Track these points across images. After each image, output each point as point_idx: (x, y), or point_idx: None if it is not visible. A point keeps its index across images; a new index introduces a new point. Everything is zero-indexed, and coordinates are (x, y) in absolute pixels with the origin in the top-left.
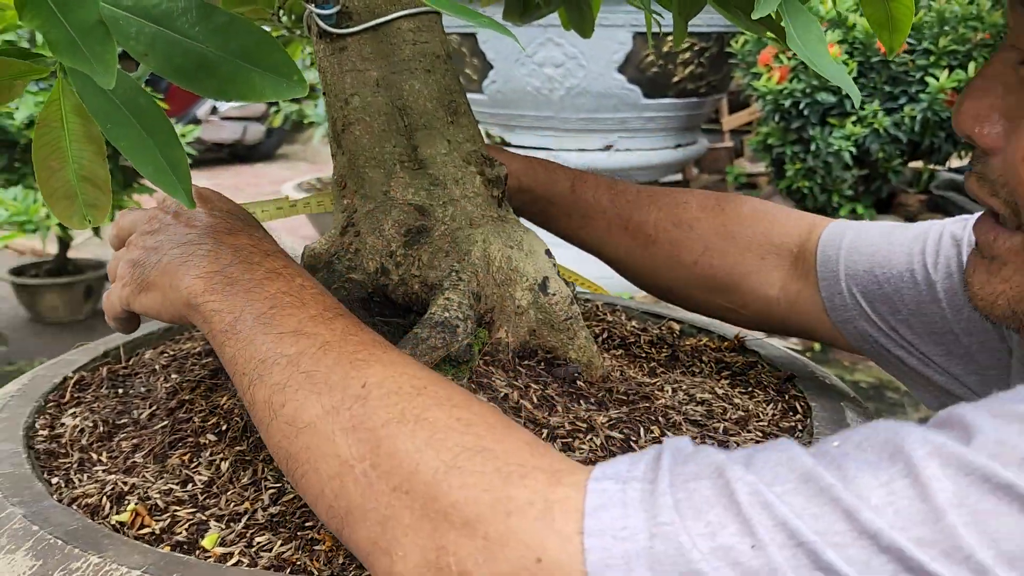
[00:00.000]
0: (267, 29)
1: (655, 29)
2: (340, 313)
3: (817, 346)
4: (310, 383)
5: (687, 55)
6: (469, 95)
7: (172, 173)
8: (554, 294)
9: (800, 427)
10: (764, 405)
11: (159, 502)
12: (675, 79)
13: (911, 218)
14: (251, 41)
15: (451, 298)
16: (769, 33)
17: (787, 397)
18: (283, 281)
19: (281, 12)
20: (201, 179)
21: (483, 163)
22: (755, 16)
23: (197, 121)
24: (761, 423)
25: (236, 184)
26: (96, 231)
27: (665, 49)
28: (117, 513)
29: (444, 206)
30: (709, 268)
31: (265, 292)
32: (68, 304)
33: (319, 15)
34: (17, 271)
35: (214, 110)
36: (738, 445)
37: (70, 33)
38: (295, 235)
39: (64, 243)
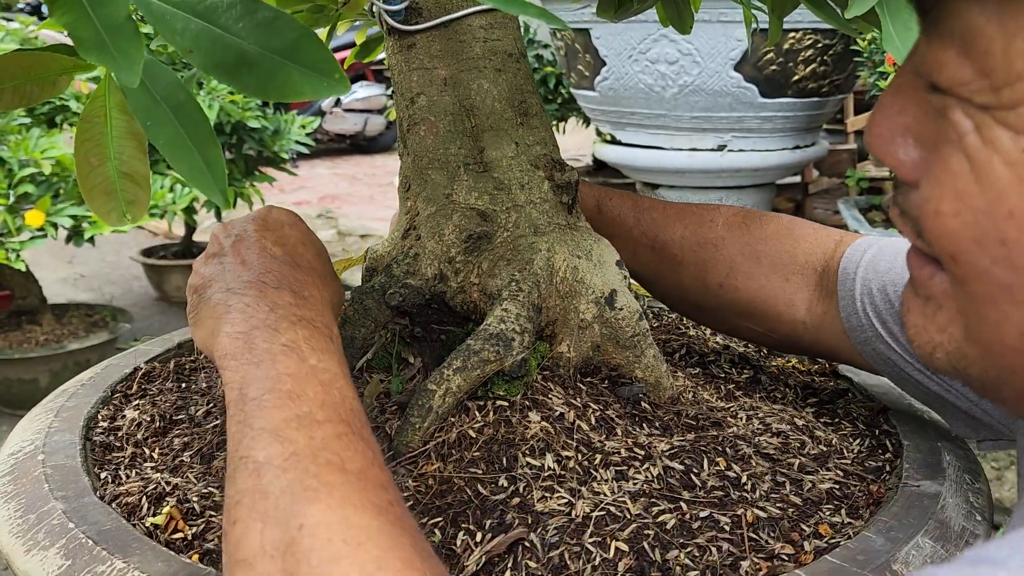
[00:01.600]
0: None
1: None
2: (330, 415)
3: None
4: (261, 506)
5: (809, 53)
6: (581, 92)
7: (208, 172)
8: (621, 308)
9: (888, 467)
10: (850, 440)
11: (196, 506)
12: (795, 78)
13: None
14: (293, 38)
15: (509, 309)
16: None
17: (877, 432)
18: (295, 359)
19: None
20: (322, 168)
21: (552, 167)
22: (848, 16)
23: (321, 113)
24: (844, 460)
25: (354, 174)
26: (219, 216)
27: (786, 47)
28: (153, 515)
29: (508, 212)
30: (734, 291)
31: (272, 370)
32: None
33: (386, 11)
34: (147, 252)
35: (337, 102)
36: (813, 485)
37: (98, 30)
38: None
39: (190, 227)
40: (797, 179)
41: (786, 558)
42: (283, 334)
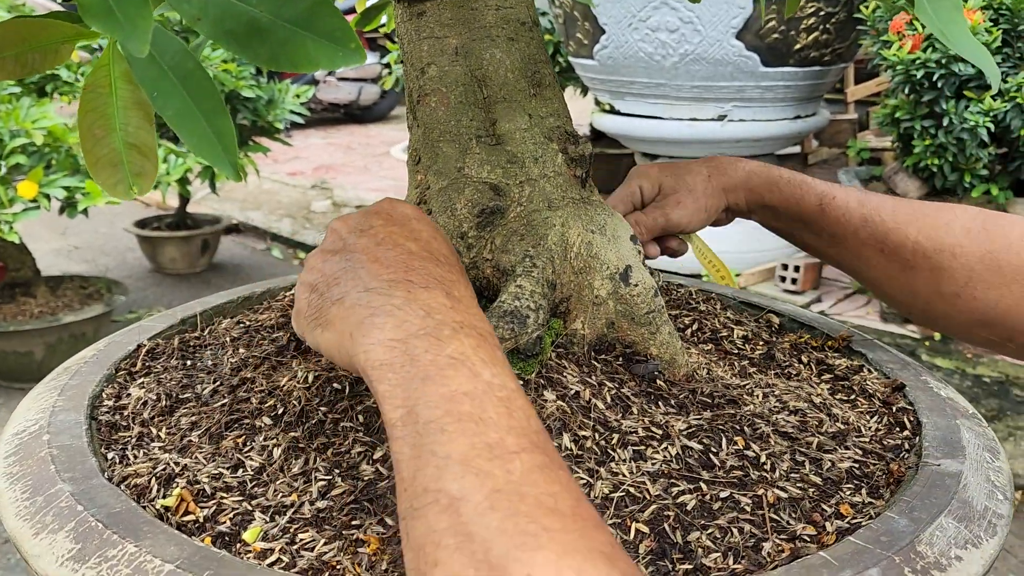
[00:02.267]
0: None
1: None
2: (521, 443)
3: (937, 335)
4: (468, 549)
5: (811, 21)
6: (579, 60)
7: (218, 143)
8: (636, 284)
9: (907, 446)
10: (867, 418)
11: (207, 487)
12: (797, 46)
13: None
14: (307, 5)
15: (523, 285)
16: None
17: (895, 410)
18: (467, 374)
19: None
20: (316, 137)
21: (566, 140)
22: None
23: (315, 82)
24: (862, 439)
25: (349, 143)
26: (213, 188)
27: (788, 15)
28: (163, 497)
29: (521, 186)
30: (972, 300)
31: (444, 388)
32: (186, 257)
33: None
34: (141, 223)
35: (331, 71)
36: (832, 464)
37: None
38: None
39: (184, 198)
40: (797, 149)
41: (808, 539)
42: (447, 344)
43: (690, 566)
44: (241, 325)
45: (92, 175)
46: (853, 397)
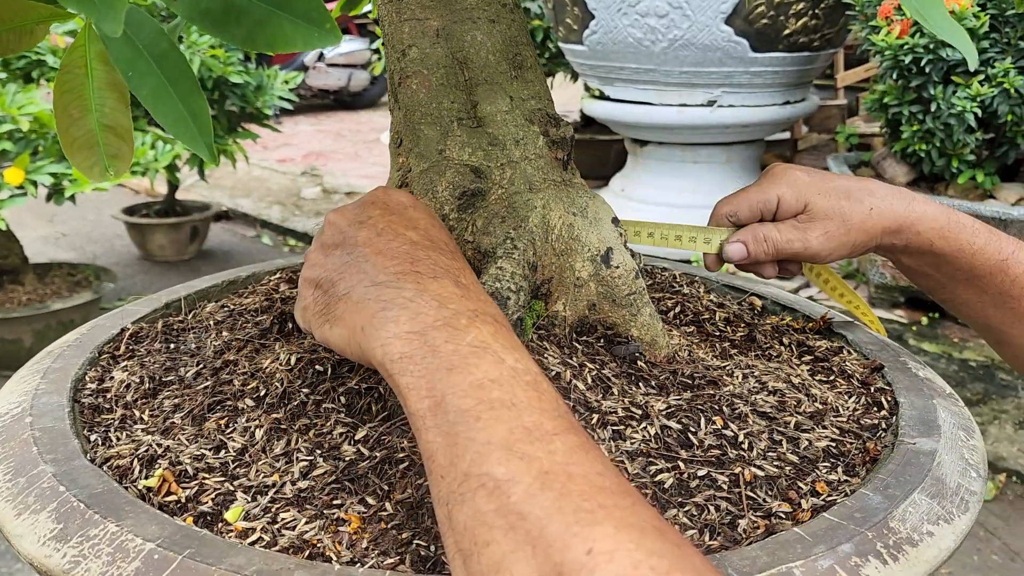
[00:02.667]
0: None
1: None
2: (557, 425)
3: (924, 320)
4: (522, 529)
5: (801, 6)
6: (569, 46)
7: (193, 124)
8: (618, 266)
9: (884, 425)
10: (846, 398)
11: (189, 468)
12: (786, 32)
13: None
14: None
15: (504, 267)
16: None
17: (872, 390)
18: (491, 361)
19: None
20: (306, 124)
21: (547, 122)
22: None
23: (304, 68)
24: (839, 419)
25: (338, 130)
26: (202, 174)
27: (777, 0)
28: (145, 478)
29: (502, 168)
30: None
31: (471, 376)
32: (175, 244)
33: None
34: (129, 210)
35: (320, 57)
36: (810, 443)
37: None
38: None
39: (172, 185)
40: (786, 135)
41: (784, 516)
42: (466, 332)
43: None
44: (225, 309)
45: (67, 156)
46: (832, 378)
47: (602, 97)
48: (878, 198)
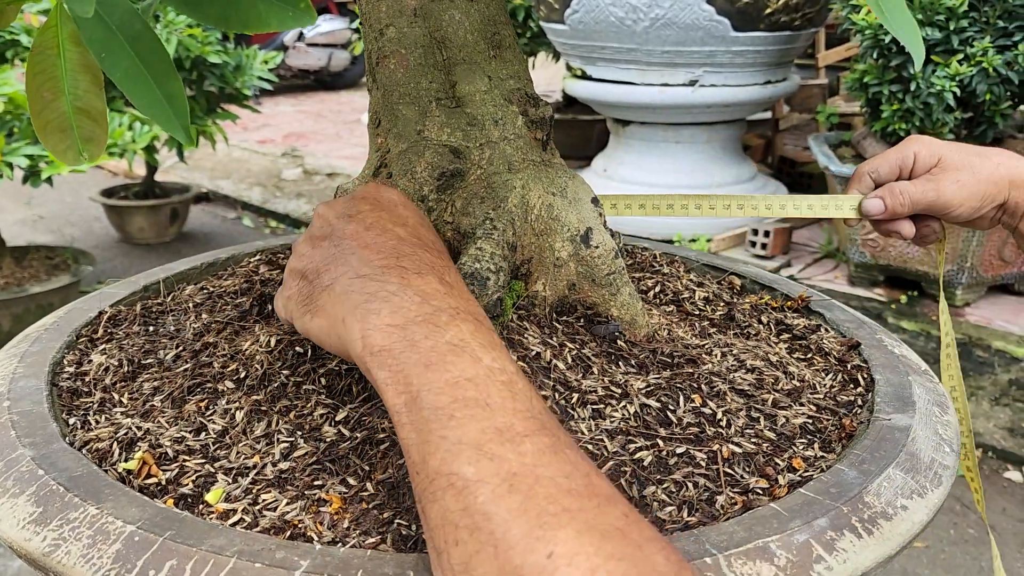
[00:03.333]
0: None
1: None
2: (529, 426)
3: (903, 298)
4: (487, 530)
5: None
6: (551, 25)
7: (168, 106)
8: (597, 246)
9: (860, 402)
10: (823, 375)
11: (169, 451)
12: (767, 11)
13: None
14: None
15: (483, 248)
16: None
17: (849, 367)
18: (468, 360)
19: None
20: (286, 105)
21: (526, 102)
22: None
23: (284, 48)
24: (816, 396)
25: (319, 111)
26: (181, 156)
27: None
28: (125, 461)
29: (481, 148)
30: None
31: (447, 374)
32: (154, 226)
33: None
34: (107, 192)
35: (300, 36)
36: (787, 420)
37: None
38: None
39: (151, 167)
40: (768, 115)
41: (761, 492)
42: (446, 330)
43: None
44: (205, 291)
45: (41, 140)
46: (810, 355)
47: (584, 77)
48: (1005, 156)
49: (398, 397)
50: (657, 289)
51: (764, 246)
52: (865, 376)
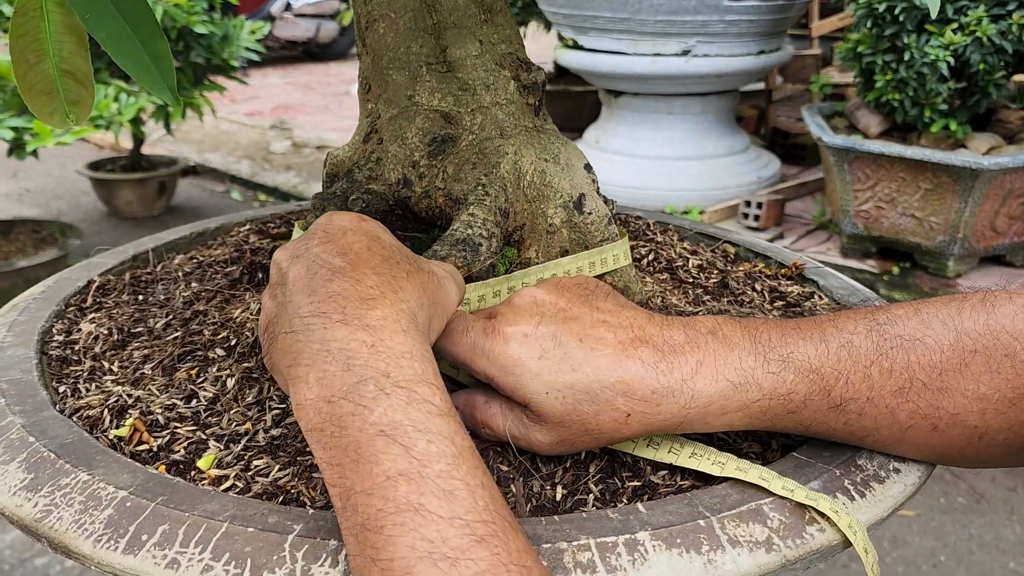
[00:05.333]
0: None
1: None
2: (464, 540)
3: (896, 269)
4: None
5: None
6: None
7: (154, 67)
8: (590, 213)
9: None
10: None
11: (160, 418)
12: None
13: (1011, 136)
14: None
15: (475, 214)
16: None
17: None
18: (398, 450)
19: None
20: (274, 76)
21: (518, 67)
22: None
23: (271, 18)
24: None
25: (307, 82)
26: (168, 128)
27: None
28: (116, 427)
29: (472, 114)
30: None
31: (377, 468)
32: (142, 199)
33: None
34: (94, 166)
35: (288, 7)
36: None
37: None
38: None
39: (138, 140)
40: (761, 86)
41: (755, 456)
42: (372, 409)
43: (639, 483)
44: (194, 260)
45: (27, 103)
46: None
47: (576, 47)
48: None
49: (333, 488)
50: (651, 257)
51: (757, 218)
52: None
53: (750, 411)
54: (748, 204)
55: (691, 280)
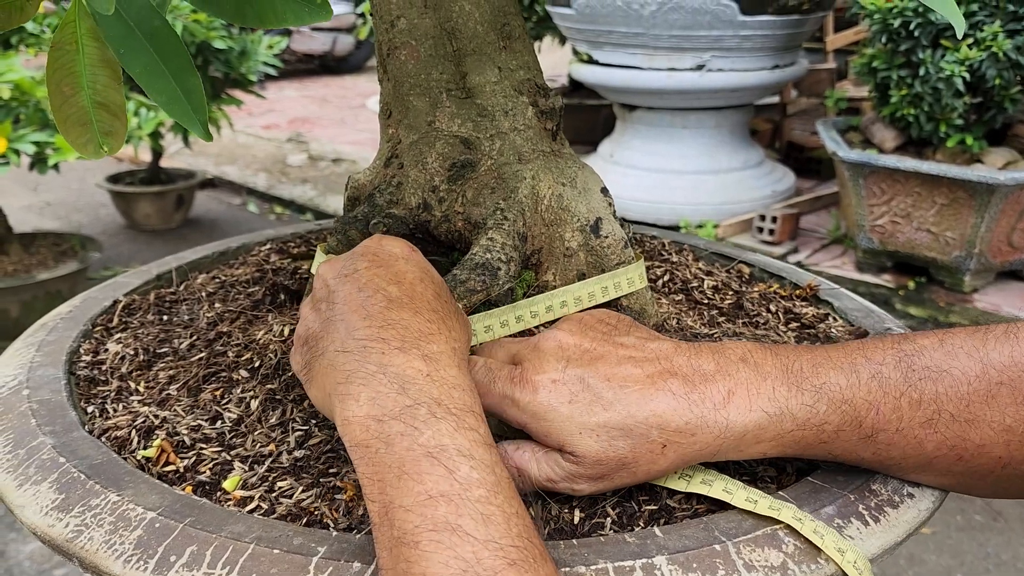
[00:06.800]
0: None
1: None
2: (497, 561)
3: (911, 284)
4: None
5: None
6: (557, 9)
7: (186, 101)
8: (607, 236)
9: None
10: None
11: (186, 439)
12: None
13: None
14: None
15: (494, 238)
16: None
17: None
18: (442, 472)
19: None
20: (291, 90)
21: (536, 93)
22: None
23: (289, 32)
24: None
25: (324, 95)
26: (186, 142)
27: None
28: (144, 448)
29: (491, 139)
30: None
31: (420, 486)
32: (160, 212)
33: None
34: (113, 179)
35: None
36: None
37: None
38: None
39: (156, 153)
40: (775, 100)
41: (770, 480)
42: (422, 430)
43: (655, 507)
44: (216, 280)
45: (62, 133)
46: (818, 344)
47: (590, 61)
48: None
49: (372, 506)
50: (666, 278)
51: (771, 232)
52: None
53: (784, 441)
54: (763, 218)
55: (706, 301)
